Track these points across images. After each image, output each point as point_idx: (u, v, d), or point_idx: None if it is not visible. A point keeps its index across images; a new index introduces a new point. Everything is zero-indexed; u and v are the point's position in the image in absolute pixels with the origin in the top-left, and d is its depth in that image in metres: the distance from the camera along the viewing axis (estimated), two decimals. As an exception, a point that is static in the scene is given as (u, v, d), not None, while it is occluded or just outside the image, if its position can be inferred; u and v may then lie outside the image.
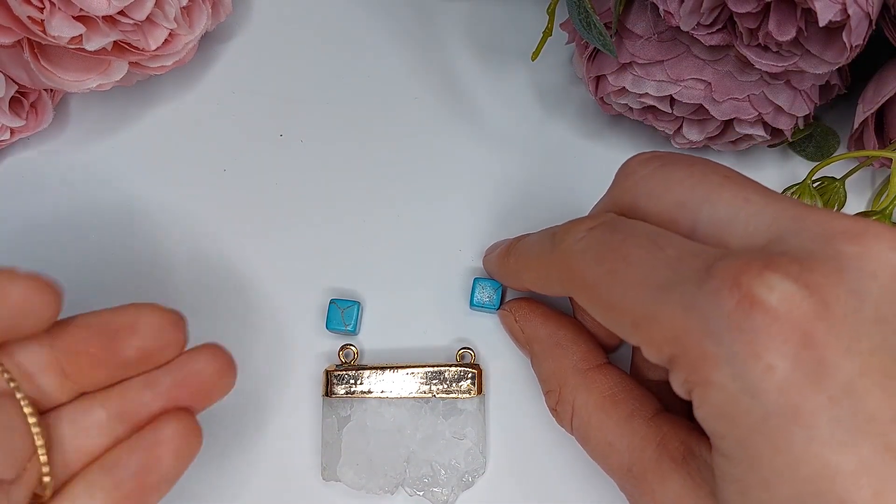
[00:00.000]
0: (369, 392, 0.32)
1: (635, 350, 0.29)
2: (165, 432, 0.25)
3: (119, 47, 0.31)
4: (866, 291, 0.19)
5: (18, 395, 0.24)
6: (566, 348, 0.29)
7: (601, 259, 0.23)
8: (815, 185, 0.32)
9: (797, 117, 0.31)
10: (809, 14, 0.26)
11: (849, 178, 0.33)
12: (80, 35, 0.30)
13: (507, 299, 0.33)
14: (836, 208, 0.33)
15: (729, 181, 0.23)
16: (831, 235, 0.20)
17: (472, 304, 0.34)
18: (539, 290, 0.28)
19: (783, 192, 0.32)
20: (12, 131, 0.35)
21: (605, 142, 0.37)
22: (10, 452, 0.23)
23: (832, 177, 0.33)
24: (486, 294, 0.33)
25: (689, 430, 0.24)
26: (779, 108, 0.31)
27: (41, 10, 0.28)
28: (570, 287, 0.25)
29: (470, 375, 0.32)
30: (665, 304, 0.21)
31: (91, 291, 0.34)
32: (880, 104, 0.31)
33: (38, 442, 0.24)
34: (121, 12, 0.30)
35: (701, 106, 0.31)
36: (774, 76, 0.30)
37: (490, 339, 0.34)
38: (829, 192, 0.33)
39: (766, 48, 0.28)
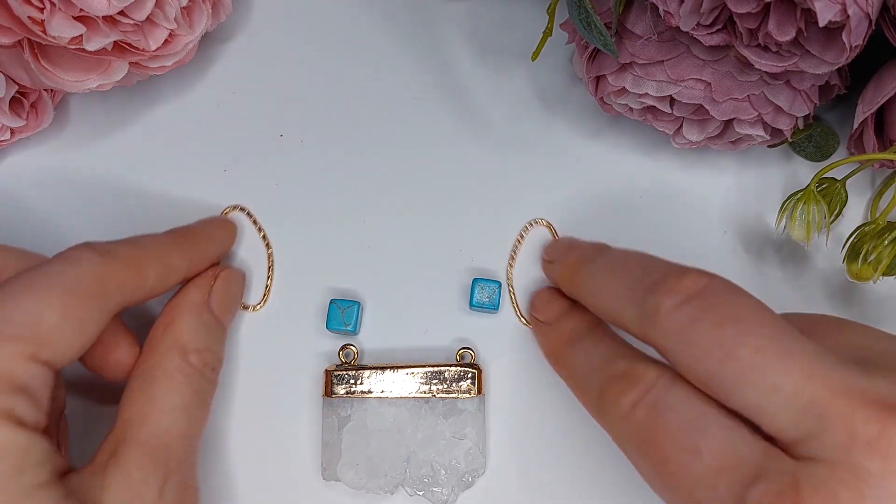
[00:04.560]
0: (369, 392, 0.32)
1: None
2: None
3: (119, 47, 0.31)
4: None
5: None
6: None
7: (642, 451, 0.24)
8: (817, 188, 0.32)
9: (797, 117, 0.31)
10: (809, 14, 0.25)
11: (849, 179, 0.33)
12: (81, 35, 0.29)
13: (501, 299, 0.33)
14: (837, 209, 0.33)
15: (761, 356, 0.22)
16: (854, 446, 0.20)
17: (471, 305, 0.34)
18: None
19: (788, 198, 0.32)
20: (12, 131, 0.35)
21: (605, 142, 0.37)
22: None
23: (833, 178, 0.33)
24: (485, 294, 0.33)
25: None
26: (778, 109, 0.31)
27: (41, 10, 0.28)
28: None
29: (470, 375, 0.32)
30: None
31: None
32: (880, 104, 0.31)
33: None
34: (121, 13, 0.30)
35: (701, 106, 0.31)
36: (774, 76, 0.30)
37: (490, 339, 0.34)
38: (830, 194, 0.33)
39: (765, 48, 0.28)
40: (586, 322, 0.30)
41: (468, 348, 0.33)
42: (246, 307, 0.35)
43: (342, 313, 0.33)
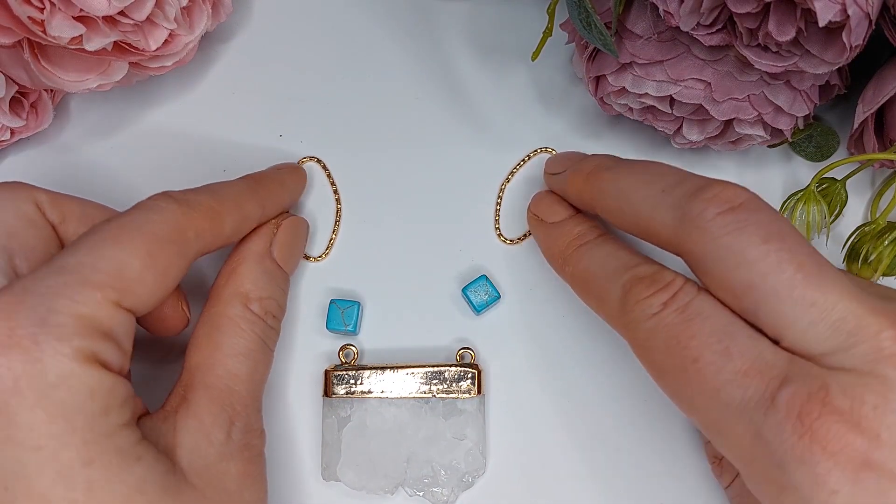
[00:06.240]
0: (369, 392, 0.32)
1: None
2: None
3: (119, 47, 0.31)
4: None
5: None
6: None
7: (670, 351, 0.25)
8: (817, 188, 0.32)
9: (797, 117, 0.31)
10: (809, 14, 0.25)
11: (849, 179, 0.33)
12: (81, 35, 0.30)
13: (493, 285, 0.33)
14: (837, 209, 0.33)
15: (802, 274, 0.23)
16: (879, 359, 0.22)
17: (477, 311, 0.34)
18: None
19: (788, 198, 0.32)
20: (12, 131, 0.35)
21: (605, 142, 0.37)
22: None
23: (833, 178, 0.33)
24: (482, 293, 0.34)
25: None
26: (778, 108, 0.31)
27: (41, 10, 0.28)
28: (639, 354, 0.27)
29: (470, 375, 0.32)
30: (735, 426, 0.23)
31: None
32: (880, 104, 0.31)
33: None
34: (121, 13, 0.30)
35: (701, 106, 0.31)
36: (774, 76, 0.30)
37: (490, 339, 0.34)
38: (830, 194, 0.33)
39: (765, 48, 0.28)
40: (596, 227, 0.31)
41: (468, 348, 0.33)
42: (308, 257, 0.35)
43: (342, 313, 0.33)
